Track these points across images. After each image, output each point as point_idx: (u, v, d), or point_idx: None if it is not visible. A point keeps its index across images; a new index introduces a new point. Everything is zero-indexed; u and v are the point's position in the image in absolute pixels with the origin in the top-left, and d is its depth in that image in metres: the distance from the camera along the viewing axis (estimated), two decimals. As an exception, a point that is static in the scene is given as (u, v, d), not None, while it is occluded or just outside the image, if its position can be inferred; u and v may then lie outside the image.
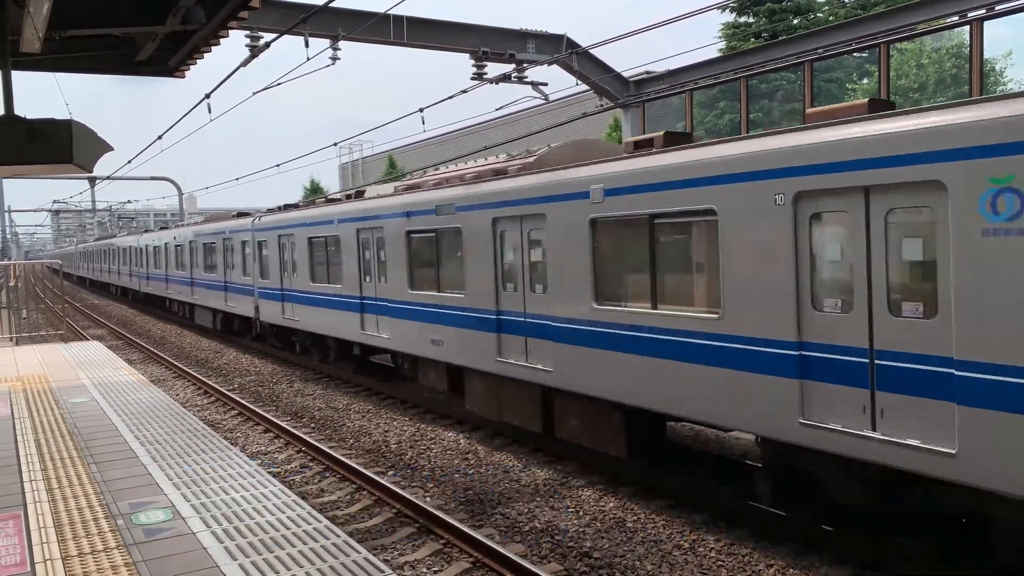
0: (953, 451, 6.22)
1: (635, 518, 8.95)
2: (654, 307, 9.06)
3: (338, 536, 5.76)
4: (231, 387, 17.97)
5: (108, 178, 40.19)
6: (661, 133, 9.78)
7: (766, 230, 7.60)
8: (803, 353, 7.33)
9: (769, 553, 7.84)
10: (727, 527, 8.53)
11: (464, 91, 16.97)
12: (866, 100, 7.46)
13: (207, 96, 15.53)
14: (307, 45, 14.62)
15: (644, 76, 20.47)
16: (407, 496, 9.51)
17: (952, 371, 6.22)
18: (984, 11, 12.67)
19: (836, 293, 7.17)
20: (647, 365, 9.05)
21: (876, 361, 6.80)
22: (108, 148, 8.22)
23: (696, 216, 8.52)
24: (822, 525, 7.93)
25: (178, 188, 49.05)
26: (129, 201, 61.16)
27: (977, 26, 12.97)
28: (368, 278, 15.46)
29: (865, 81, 31.50)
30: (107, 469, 7.58)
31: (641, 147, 9.80)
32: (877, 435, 6.75)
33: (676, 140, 9.51)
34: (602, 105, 20.66)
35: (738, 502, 8.72)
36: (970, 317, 6.09)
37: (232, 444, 10.13)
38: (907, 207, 6.62)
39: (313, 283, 17.92)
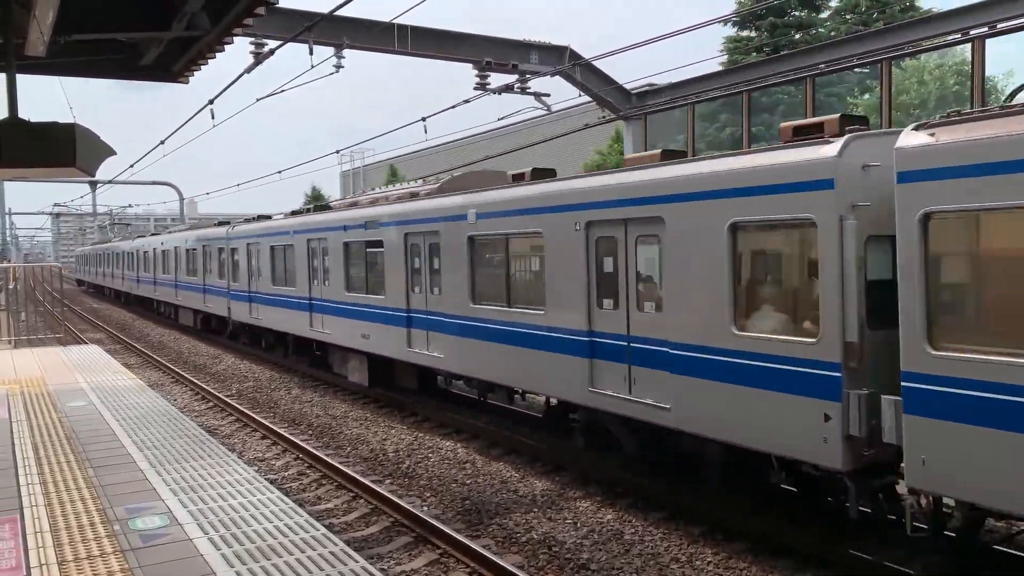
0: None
1: (633, 530, 8.92)
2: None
3: (335, 544, 5.74)
4: (229, 393, 17.94)
5: (110, 182, 40.23)
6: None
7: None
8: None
9: (767, 567, 7.81)
10: (725, 540, 8.49)
11: (467, 101, 17.02)
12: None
13: (211, 102, 15.56)
14: (311, 53, 14.66)
15: (646, 88, 20.53)
16: (404, 505, 9.48)
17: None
18: (986, 29, 12.73)
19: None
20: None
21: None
22: (111, 152, 8.22)
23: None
24: (822, 538, 7.92)
25: (179, 193, 49.09)
26: (130, 205, 61.29)
27: (979, 44, 13.02)
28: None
29: (866, 96, 31.58)
30: (104, 473, 7.56)
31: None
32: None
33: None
34: (604, 117, 20.72)
35: (737, 515, 8.71)
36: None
37: (230, 450, 10.09)
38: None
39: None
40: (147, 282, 36.45)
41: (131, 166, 32.30)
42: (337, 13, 11.85)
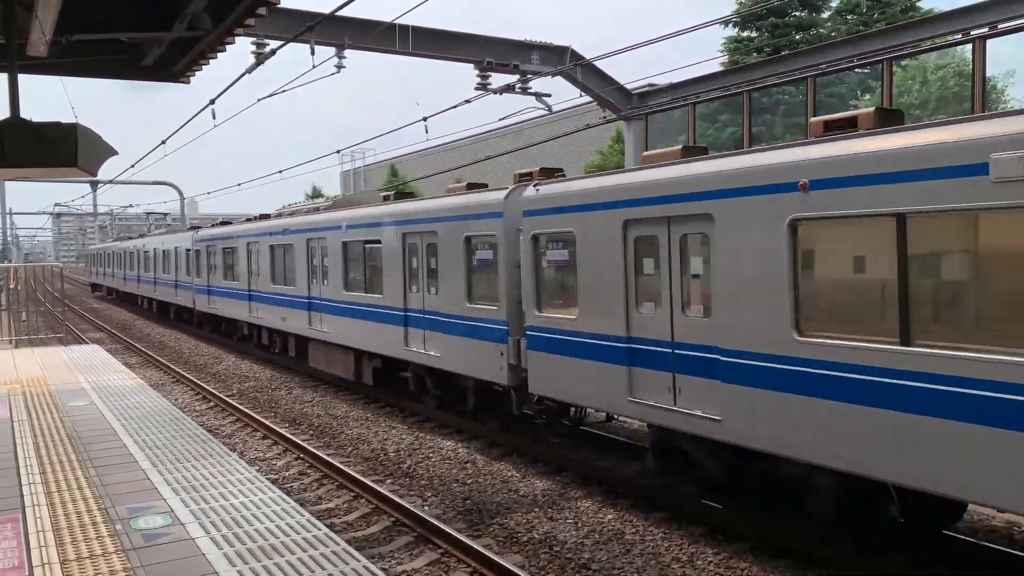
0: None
1: (634, 530, 8.92)
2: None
3: (337, 544, 5.74)
4: (230, 393, 17.95)
5: (111, 182, 40.27)
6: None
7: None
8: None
9: (768, 567, 7.81)
10: (726, 540, 8.50)
11: (467, 101, 17.03)
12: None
13: (212, 102, 15.58)
14: (313, 53, 14.67)
15: (647, 89, 20.54)
16: (405, 505, 9.49)
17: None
18: (987, 29, 12.74)
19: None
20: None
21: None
22: (112, 152, 8.23)
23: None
24: (822, 539, 7.92)
25: (180, 192, 49.12)
26: (131, 205, 61.43)
27: (979, 44, 13.02)
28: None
29: (867, 97, 31.57)
30: (106, 473, 7.57)
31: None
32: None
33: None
34: (605, 117, 20.73)
35: (737, 515, 8.71)
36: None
37: (231, 450, 10.09)
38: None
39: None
40: (231, 296, 24.04)
41: (132, 166, 32.34)
42: (338, 13, 11.87)
